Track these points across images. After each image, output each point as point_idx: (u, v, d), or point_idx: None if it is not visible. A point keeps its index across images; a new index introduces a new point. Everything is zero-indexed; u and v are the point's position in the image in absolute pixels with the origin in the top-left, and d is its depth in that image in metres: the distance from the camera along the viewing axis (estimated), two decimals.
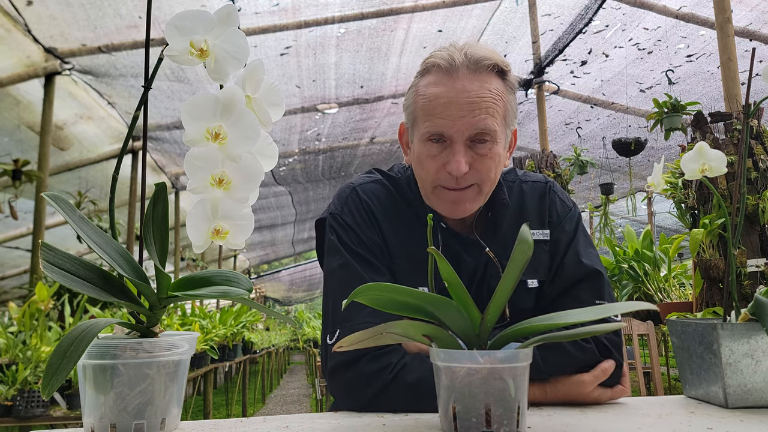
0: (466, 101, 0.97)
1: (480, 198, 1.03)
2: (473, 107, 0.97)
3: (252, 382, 9.42)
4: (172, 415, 0.68)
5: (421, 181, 1.05)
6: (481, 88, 0.98)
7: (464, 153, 0.98)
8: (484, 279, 1.07)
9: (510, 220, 1.10)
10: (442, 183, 1.01)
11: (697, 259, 3.00)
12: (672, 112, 4.32)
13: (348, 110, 6.61)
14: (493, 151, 0.99)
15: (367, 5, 4.86)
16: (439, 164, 0.99)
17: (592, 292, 1.03)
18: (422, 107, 1.01)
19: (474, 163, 0.99)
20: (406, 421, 0.75)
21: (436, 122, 0.98)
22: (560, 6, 5.33)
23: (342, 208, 1.08)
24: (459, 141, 0.98)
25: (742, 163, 0.84)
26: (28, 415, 2.55)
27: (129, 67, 4.80)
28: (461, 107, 0.97)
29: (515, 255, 0.67)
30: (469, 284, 1.06)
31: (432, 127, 0.99)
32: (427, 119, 1.00)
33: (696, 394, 0.86)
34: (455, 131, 0.97)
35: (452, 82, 0.98)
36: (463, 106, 0.97)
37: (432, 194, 1.03)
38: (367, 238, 1.04)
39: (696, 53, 5.53)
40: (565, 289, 1.05)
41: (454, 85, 0.98)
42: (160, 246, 0.71)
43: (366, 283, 0.76)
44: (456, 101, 0.97)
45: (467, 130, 0.97)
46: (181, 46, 0.65)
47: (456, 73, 0.98)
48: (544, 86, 5.94)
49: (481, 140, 0.98)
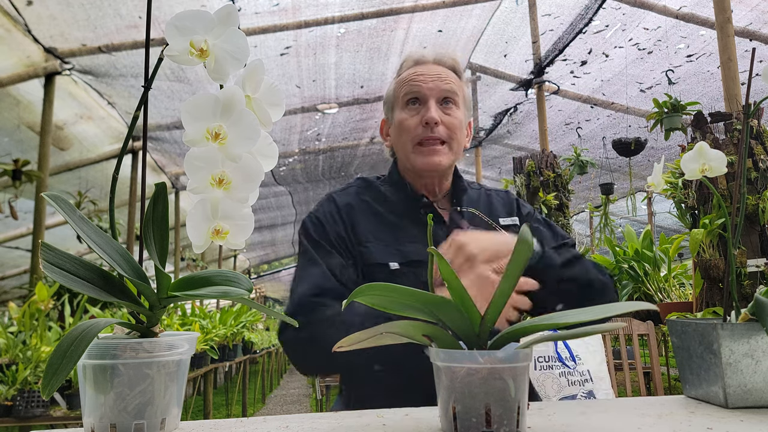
0: (434, 74, 1.26)
1: (450, 155, 1.26)
2: (440, 77, 1.25)
3: (252, 382, 9.42)
4: (172, 415, 0.68)
5: (402, 145, 1.27)
6: (444, 71, 1.27)
7: (436, 108, 1.23)
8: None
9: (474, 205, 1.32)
10: (421, 137, 1.23)
11: (697, 259, 3.00)
12: (672, 112, 4.32)
13: (348, 110, 6.61)
14: (457, 114, 1.25)
15: (367, 5, 4.86)
16: (417, 120, 1.24)
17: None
18: (401, 85, 1.28)
19: (443, 119, 1.23)
20: (407, 421, 0.75)
21: (412, 86, 1.25)
22: (560, 6, 5.33)
23: (317, 209, 1.30)
24: (431, 99, 1.24)
25: (742, 163, 0.84)
26: (28, 415, 2.55)
27: (129, 67, 4.80)
28: (432, 77, 1.25)
29: (515, 255, 0.67)
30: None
31: (410, 91, 1.25)
32: (405, 88, 1.26)
33: (696, 394, 0.86)
34: (427, 91, 1.24)
35: (423, 66, 1.28)
36: (433, 76, 1.25)
37: (412, 152, 1.25)
38: (332, 231, 1.22)
39: (696, 53, 5.53)
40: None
41: (425, 67, 1.28)
42: (160, 246, 0.71)
43: (319, 268, 1.14)
44: (427, 74, 1.26)
45: (437, 92, 1.24)
46: (181, 46, 0.65)
47: (426, 62, 1.29)
48: (544, 86, 5.94)
49: (446, 102, 1.25)
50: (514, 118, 7.31)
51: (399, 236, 1.22)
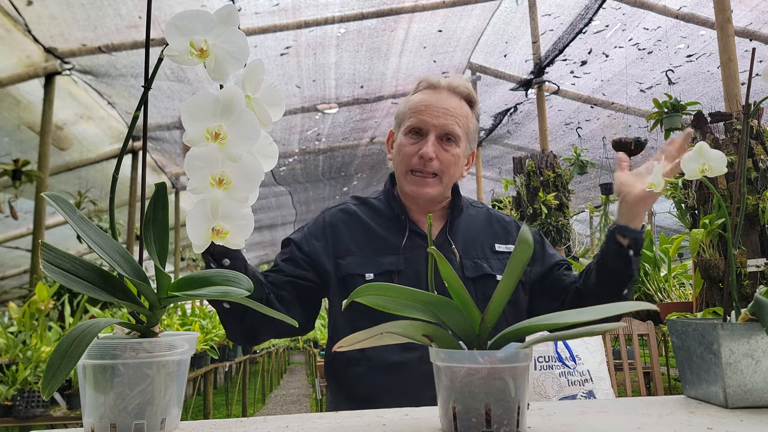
0: (443, 108, 1.29)
1: (440, 188, 1.30)
2: (447, 114, 1.28)
3: (252, 382, 9.42)
4: (172, 415, 0.68)
5: (397, 165, 1.34)
6: (455, 104, 1.30)
7: (434, 144, 1.27)
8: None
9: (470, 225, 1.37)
10: (414, 167, 1.29)
11: (697, 259, 3.00)
12: (672, 112, 4.32)
13: (348, 110, 6.61)
14: (455, 151, 1.29)
15: (367, 5, 4.86)
16: (414, 150, 1.29)
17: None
18: (410, 108, 1.32)
19: (439, 154, 1.28)
20: (407, 421, 0.75)
21: (418, 118, 1.29)
22: (560, 6, 5.33)
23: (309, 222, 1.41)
24: (432, 134, 1.28)
25: (742, 163, 0.84)
26: (28, 415, 2.55)
27: (129, 67, 4.80)
28: (438, 111, 1.28)
29: (515, 254, 0.67)
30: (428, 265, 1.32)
31: (414, 122, 1.30)
32: (411, 116, 1.31)
33: (696, 394, 0.86)
34: (430, 127, 1.28)
35: (435, 95, 1.31)
36: (440, 110, 1.28)
37: (404, 177, 1.31)
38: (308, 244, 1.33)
39: (696, 53, 5.53)
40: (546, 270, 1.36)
41: (437, 96, 1.31)
42: (160, 246, 0.71)
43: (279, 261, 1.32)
44: (435, 106, 1.29)
45: (439, 129, 1.28)
46: (181, 46, 0.65)
47: (439, 90, 1.32)
48: (544, 86, 5.94)
49: (447, 139, 1.29)
50: (514, 118, 7.31)
51: (380, 248, 1.30)
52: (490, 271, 1.28)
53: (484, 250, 1.33)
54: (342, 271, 1.28)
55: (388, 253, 1.29)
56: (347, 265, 1.28)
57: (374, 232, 1.33)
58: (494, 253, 1.33)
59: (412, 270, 1.27)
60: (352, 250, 1.30)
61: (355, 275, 1.26)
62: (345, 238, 1.33)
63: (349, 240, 1.32)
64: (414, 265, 1.27)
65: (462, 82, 1.34)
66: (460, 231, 1.34)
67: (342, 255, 1.30)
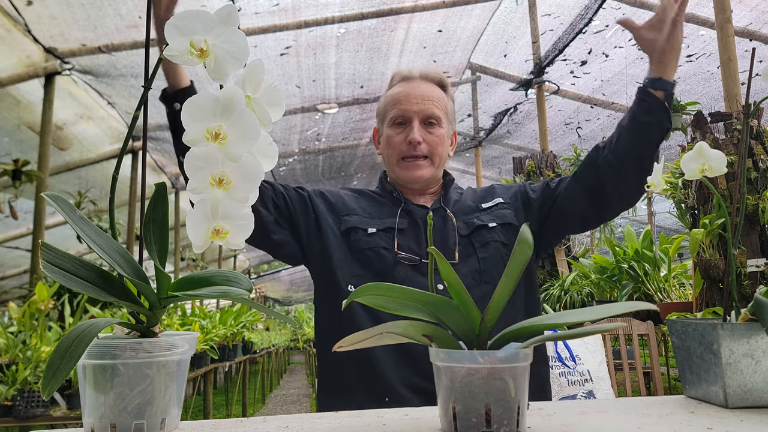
0: (419, 95, 1.38)
1: (432, 168, 1.39)
2: (425, 99, 1.38)
3: (252, 382, 9.42)
4: (172, 415, 0.68)
5: (388, 158, 1.42)
6: (430, 89, 1.40)
7: (419, 129, 1.36)
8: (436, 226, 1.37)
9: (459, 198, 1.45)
10: (404, 153, 1.37)
11: (697, 259, 3.00)
12: (672, 112, 4.32)
13: (348, 110, 6.61)
14: (439, 132, 1.39)
15: (367, 5, 4.86)
16: (402, 138, 1.37)
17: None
18: (389, 102, 1.41)
19: (426, 137, 1.37)
20: (407, 421, 0.75)
21: (399, 108, 1.38)
22: (560, 6, 5.33)
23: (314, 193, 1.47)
24: (415, 120, 1.37)
25: (742, 163, 0.84)
26: (28, 415, 2.55)
27: (129, 67, 4.80)
28: (416, 98, 1.38)
29: (515, 254, 0.67)
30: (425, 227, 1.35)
31: (397, 113, 1.38)
32: (393, 108, 1.39)
33: (696, 394, 0.86)
34: (412, 114, 1.37)
35: (410, 84, 1.41)
36: (417, 97, 1.38)
37: (396, 166, 1.40)
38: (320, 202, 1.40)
39: (696, 53, 5.53)
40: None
41: (412, 85, 1.40)
42: (160, 246, 0.71)
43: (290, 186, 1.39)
44: (413, 94, 1.38)
45: (421, 114, 1.37)
46: (181, 46, 0.65)
47: (413, 79, 1.42)
48: (544, 86, 5.94)
49: (430, 123, 1.38)
50: (514, 118, 7.31)
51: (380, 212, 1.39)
52: (481, 222, 1.36)
53: (474, 211, 1.41)
54: (345, 225, 1.35)
55: (388, 216, 1.37)
56: (351, 220, 1.36)
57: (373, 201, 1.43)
58: (482, 211, 1.40)
59: (411, 230, 1.35)
60: (356, 210, 1.39)
61: (358, 228, 1.34)
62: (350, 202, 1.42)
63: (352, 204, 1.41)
64: (413, 227, 1.36)
65: (432, 68, 1.44)
66: (451, 201, 1.42)
67: (350, 213, 1.39)
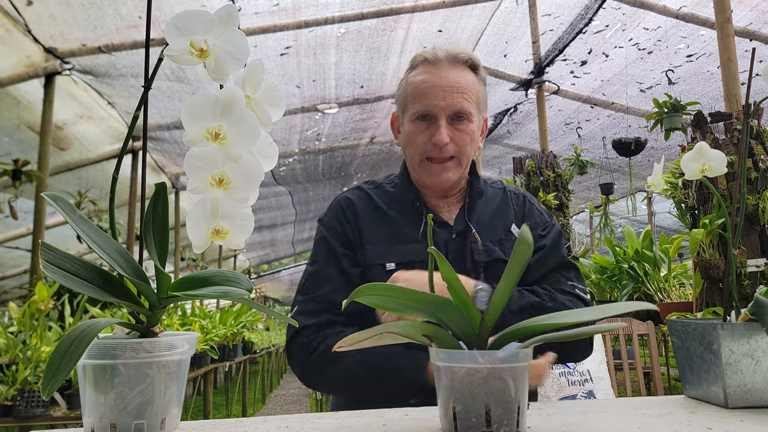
0: (447, 86, 1.18)
1: (459, 170, 1.22)
2: (453, 91, 1.18)
3: (252, 382, 9.41)
4: (172, 415, 0.68)
5: (410, 156, 1.24)
6: (458, 76, 1.19)
7: (446, 127, 1.18)
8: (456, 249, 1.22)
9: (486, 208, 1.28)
10: (429, 154, 1.20)
11: (697, 259, 3.00)
12: (672, 112, 4.32)
13: (348, 110, 6.61)
14: (469, 128, 1.20)
15: (367, 5, 4.86)
16: (426, 138, 1.19)
17: (567, 278, 1.21)
18: (411, 93, 1.22)
19: (453, 136, 1.19)
20: (407, 421, 0.75)
21: (423, 103, 1.19)
22: (560, 6, 5.33)
23: (327, 213, 1.30)
24: (442, 118, 1.18)
25: (742, 163, 0.84)
26: (28, 415, 2.55)
27: (129, 67, 4.79)
28: (444, 90, 1.18)
29: (515, 255, 0.67)
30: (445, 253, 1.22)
31: (420, 108, 1.19)
32: (416, 102, 1.20)
33: (696, 394, 0.86)
34: (439, 110, 1.18)
35: (436, 71, 1.20)
36: (445, 89, 1.18)
37: (419, 166, 1.23)
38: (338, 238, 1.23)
39: (696, 53, 5.53)
40: (544, 274, 1.21)
41: (438, 72, 1.19)
42: (160, 246, 0.71)
43: (325, 272, 1.19)
44: (439, 85, 1.18)
45: (448, 110, 1.18)
46: (181, 46, 0.65)
47: (439, 64, 1.20)
48: (544, 86, 5.94)
49: (459, 118, 1.19)
50: (514, 118, 7.30)
51: (398, 237, 1.21)
52: (502, 256, 1.19)
53: (498, 232, 1.24)
54: (363, 259, 1.21)
55: (407, 241, 1.20)
56: (368, 254, 1.20)
57: (390, 218, 1.24)
58: (508, 234, 1.24)
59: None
60: (371, 239, 1.22)
61: (376, 265, 1.18)
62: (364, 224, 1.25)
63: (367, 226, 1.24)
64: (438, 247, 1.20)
65: (461, 48, 1.23)
66: (476, 214, 1.25)
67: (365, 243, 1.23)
